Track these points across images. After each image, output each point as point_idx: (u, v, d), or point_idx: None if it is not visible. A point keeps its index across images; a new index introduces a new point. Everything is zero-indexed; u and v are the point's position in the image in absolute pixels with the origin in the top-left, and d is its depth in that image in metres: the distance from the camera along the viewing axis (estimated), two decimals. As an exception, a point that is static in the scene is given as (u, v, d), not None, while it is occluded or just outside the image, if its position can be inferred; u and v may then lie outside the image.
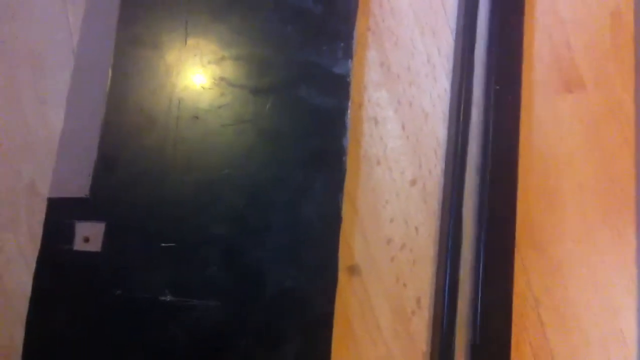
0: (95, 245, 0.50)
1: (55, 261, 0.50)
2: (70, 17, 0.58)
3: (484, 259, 0.52)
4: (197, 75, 0.54)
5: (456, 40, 0.59)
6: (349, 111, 0.54)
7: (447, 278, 0.53)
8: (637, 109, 0.59)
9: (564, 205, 0.57)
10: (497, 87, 0.54)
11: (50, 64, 0.58)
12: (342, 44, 0.55)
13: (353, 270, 0.55)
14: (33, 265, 0.50)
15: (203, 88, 0.54)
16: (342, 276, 0.54)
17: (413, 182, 0.57)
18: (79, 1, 0.58)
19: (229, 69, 0.55)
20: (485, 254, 0.52)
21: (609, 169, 0.58)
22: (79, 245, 0.50)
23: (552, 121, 0.58)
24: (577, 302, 0.55)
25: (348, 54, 0.55)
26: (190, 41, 0.55)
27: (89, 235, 0.50)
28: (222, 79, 0.54)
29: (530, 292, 0.55)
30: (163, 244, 0.50)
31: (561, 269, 0.56)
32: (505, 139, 0.54)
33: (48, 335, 0.49)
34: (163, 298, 0.49)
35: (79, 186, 0.51)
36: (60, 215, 0.50)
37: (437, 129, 0.58)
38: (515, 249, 0.55)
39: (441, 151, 0.58)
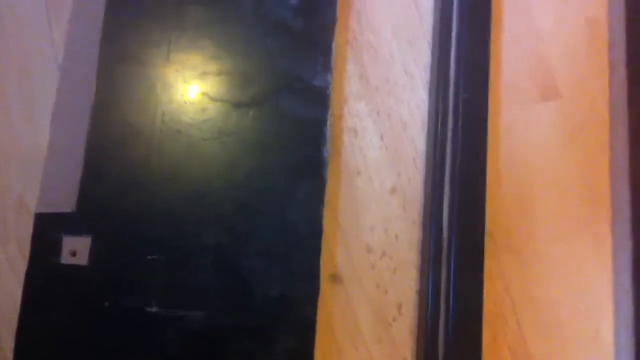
0: (82, 259, 0.51)
1: (43, 275, 0.51)
2: (55, 34, 0.60)
3: (454, 263, 0.54)
4: (180, 90, 0.56)
5: (432, 52, 0.60)
6: (328, 123, 0.56)
7: (430, 284, 0.55)
8: (612, 115, 0.61)
9: (540, 210, 0.58)
10: (466, 96, 0.56)
11: (36, 80, 0.59)
12: (321, 58, 0.57)
13: (335, 278, 0.56)
14: (22, 278, 0.51)
15: (185, 102, 0.55)
16: (325, 284, 0.55)
17: (393, 191, 0.58)
18: (62, 18, 0.60)
19: (211, 84, 0.56)
20: (455, 259, 0.54)
21: (586, 175, 0.59)
22: (66, 259, 0.51)
23: (528, 129, 0.60)
24: (554, 304, 0.57)
25: (327, 67, 0.57)
26: (173, 57, 0.56)
27: (75, 249, 0.51)
28: (204, 93, 0.56)
29: (508, 296, 0.57)
30: (149, 257, 0.52)
31: (539, 272, 0.57)
32: (473, 146, 0.56)
33: (37, 346, 0.50)
34: (149, 309, 0.51)
35: (65, 201, 0.52)
36: (48, 229, 0.52)
37: (416, 139, 0.59)
38: (493, 254, 0.56)
39: (420, 160, 0.59)
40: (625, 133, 0.60)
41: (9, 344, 0.51)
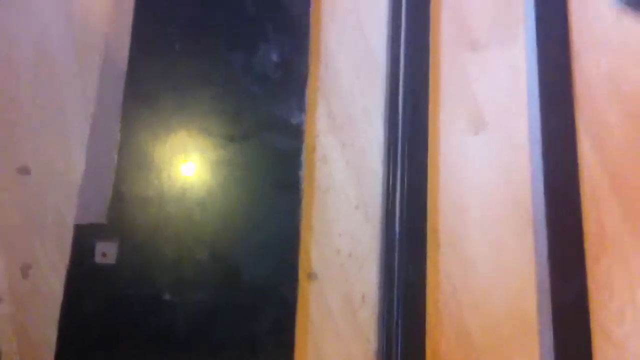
0: (111, 259, 0.66)
1: (81, 271, 0.65)
2: (88, 80, 0.75)
3: (404, 262, 0.69)
4: (187, 127, 0.71)
5: (386, 92, 0.76)
6: (303, 152, 0.71)
7: (385, 278, 0.69)
8: (530, 140, 0.76)
9: (474, 215, 0.73)
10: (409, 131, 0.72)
11: (72, 117, 0.74)
12: (296, 101, 0.73)
13: (311, 275, 0.70)
14: (62, 275, 0.65)
15: (190, 137, 0.71)
16: (302, 280, 0.69)
17: (357, 206, 0.73)
18: (92, 67, 0.75)
19: (210, 123, 0.71)
20: (404, 258, 0.69)
21: (510, 188, 0.74)
22: (98, 259, 0.65)
23: (462, 155, 0.75)
24: (487, 289, 0.71)
25: (302, 108, 0.72)
26: (181, 103, 0.72)
27: (106, 252, 0.66)
28: (205, 130, 0.71)
29: (450, 283, 0.70)
30: (163, 256, 0.66)
31: (474, 264, 0.71)
32: (417, 168, 0.71)
33: (76, 329, 0.64)
34: (163, 297, 0.65)
35: (98, 214, 0.67)
36: (85, 236, 0.66)
37: (374, 164, 0.74)
38: (436, 249, 0.71)
39: (378, 180, 0.74)
40: (540, 153, 0.75)
41: (53, 329, 0.65)
